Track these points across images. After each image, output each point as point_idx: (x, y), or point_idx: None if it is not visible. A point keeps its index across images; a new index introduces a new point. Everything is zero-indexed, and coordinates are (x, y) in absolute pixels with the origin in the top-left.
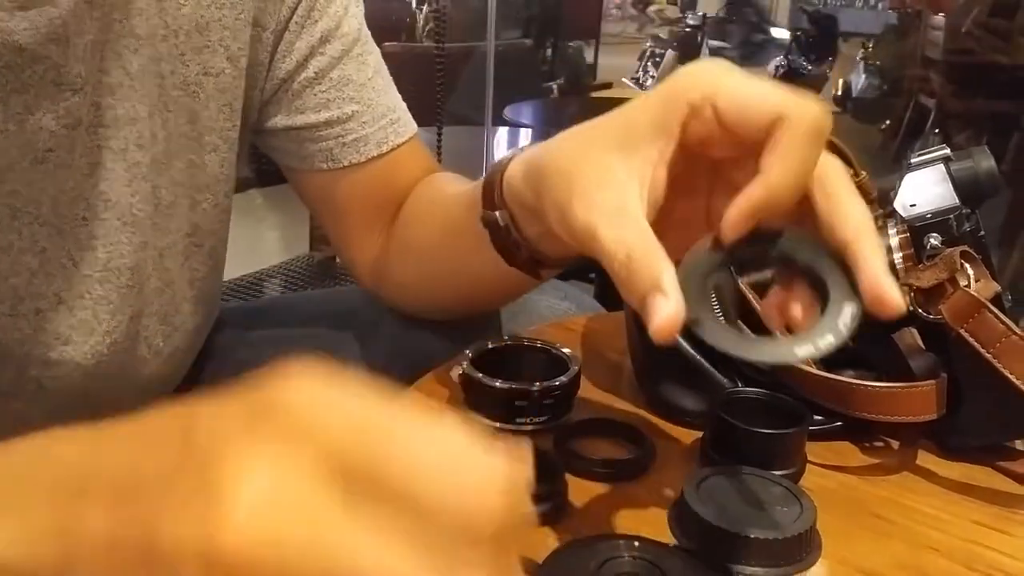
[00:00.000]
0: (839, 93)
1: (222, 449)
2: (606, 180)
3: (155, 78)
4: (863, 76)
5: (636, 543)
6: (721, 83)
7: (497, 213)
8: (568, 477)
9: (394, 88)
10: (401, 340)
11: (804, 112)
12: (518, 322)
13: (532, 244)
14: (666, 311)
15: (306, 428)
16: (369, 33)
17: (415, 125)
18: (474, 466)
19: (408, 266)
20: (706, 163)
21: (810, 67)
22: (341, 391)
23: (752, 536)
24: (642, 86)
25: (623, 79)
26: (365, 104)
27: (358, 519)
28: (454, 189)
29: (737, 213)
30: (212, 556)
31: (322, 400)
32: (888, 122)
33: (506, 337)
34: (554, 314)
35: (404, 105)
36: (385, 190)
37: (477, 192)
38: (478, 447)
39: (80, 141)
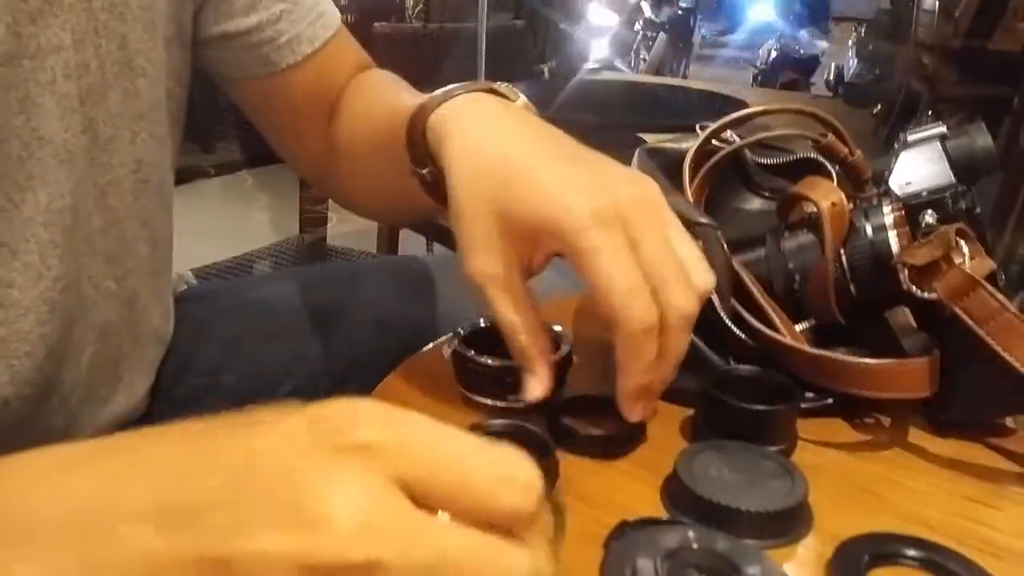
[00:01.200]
0: (831, 77)
1: (296, 463)
2: (491, 246)
3: (81, 1)
4: (855, 60)
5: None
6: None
7: (425, 172)
8: (560, 454)
9: None
10: (390, 317)
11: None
12: None
13: None
14: (538, 392)
15: (378, 440)
16: None
17: (339, 14)
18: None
19: (346, 172)
20: None
21: (801, 50)
22: (392, 408)
23: (744, 509)
24: (634, 68)
25: (615, 62)
26: (292, 1)
27: (443, 523)
28: (383, 104)
29: (625, 401)
30: (316, 568)
31: (383, 415)
32: (880, 106)
33: None
34: (547, 292)
35: None
36: (323, 86)
37: (400, 121)
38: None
39: (6, 76)
